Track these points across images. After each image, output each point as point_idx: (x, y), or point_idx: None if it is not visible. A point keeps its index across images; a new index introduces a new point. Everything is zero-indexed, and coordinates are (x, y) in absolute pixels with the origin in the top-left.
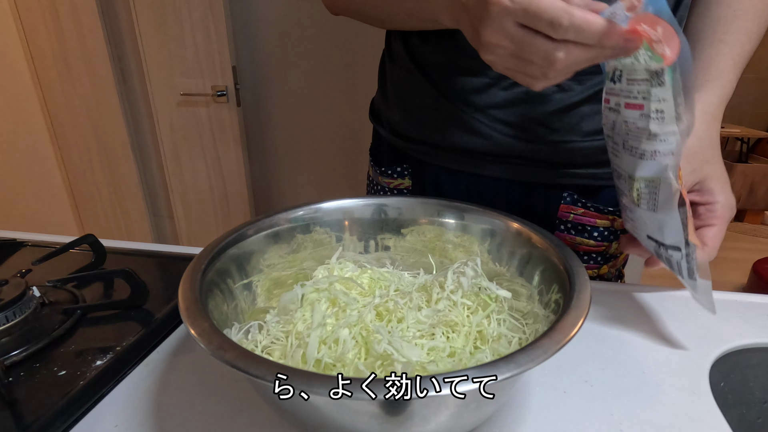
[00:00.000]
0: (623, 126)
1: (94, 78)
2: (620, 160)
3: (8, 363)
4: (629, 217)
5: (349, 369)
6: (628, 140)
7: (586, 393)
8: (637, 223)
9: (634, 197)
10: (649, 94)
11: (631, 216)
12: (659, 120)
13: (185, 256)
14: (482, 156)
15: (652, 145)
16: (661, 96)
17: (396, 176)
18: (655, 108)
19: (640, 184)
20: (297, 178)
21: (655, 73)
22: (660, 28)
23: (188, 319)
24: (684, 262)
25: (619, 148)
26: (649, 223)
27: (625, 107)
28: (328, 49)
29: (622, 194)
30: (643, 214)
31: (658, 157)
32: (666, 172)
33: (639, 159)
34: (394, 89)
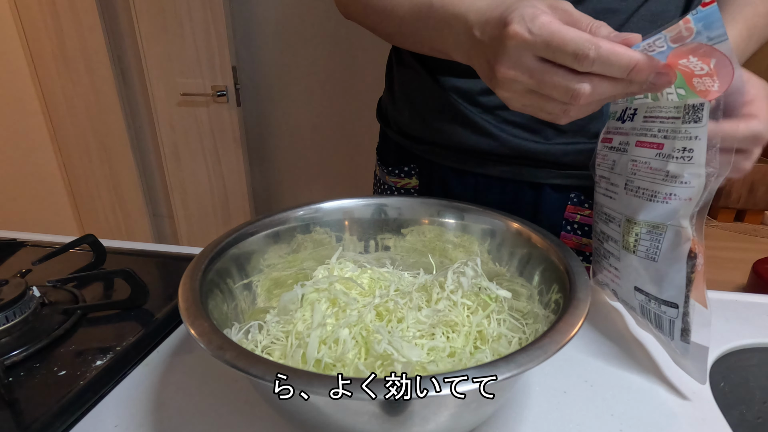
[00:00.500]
0: (628, 165)
1: (94, 78)
2: (615, 203)
3: (8, 363)
4: (610, 265)
5: (349, 369)
6: (634, 180)
7: (586, 393)
8: (622, 272)
9: (628, 243)
10: (677, 132)
11: (615, 264)
12: (684, 160)
13: (185, 256)
14: (490, 156)
15: (668, 187)
16: (693, 134)
17: (403, 176)
18: (681, 147)
19: (641, 229)
20: (297, 178)
21: (692, 107)
22: (714, 60)
23: (188, 319)
24: (679, 322)
25: (618, 189)
26: (642, 274)
27: (636, 145)
28: (328, 49)
29: (606, 240)
30: (636, 262)
31: (673, 201)
32: (678, 218)
33: (647, 201)
34: (401, 89)
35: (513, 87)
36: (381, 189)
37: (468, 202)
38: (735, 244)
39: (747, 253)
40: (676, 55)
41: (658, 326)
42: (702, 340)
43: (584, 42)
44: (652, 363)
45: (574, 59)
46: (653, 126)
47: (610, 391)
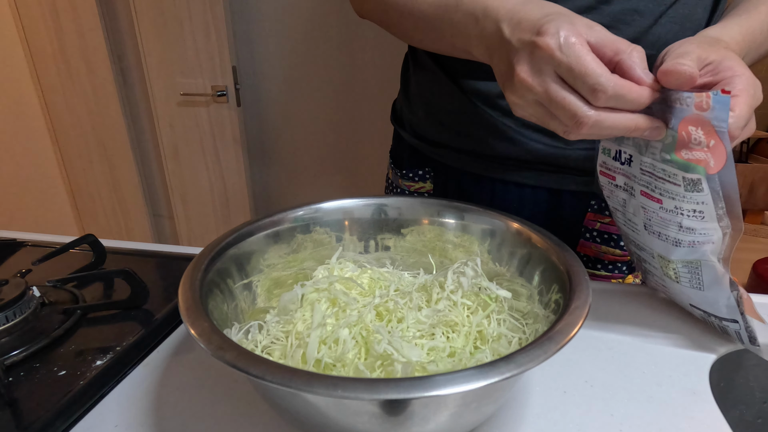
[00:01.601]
0: (641, 210)
1: (94, 78)
2: (640, 237)
3: (8, 363)
4: (658, 282)
5: (349, 369)
6: (653, 225)
7: (586, 393)
8: (672, 291)
9: (669, 275)
10: (676, 194)
11: (663, 284)
12: (697, 219)
13: (185, 256)
14: (508, 161)
15: (688, 236)
16: (699, 200)
17: (417, 179)
18: (691, 209)
19: (677, 266)
20: (297, 178)
21: (692, 181)
22: (713, 142)
23: (188, 319)
24: (744, 332)
25: (639, 228)
26: (693, 297)
27: (641, 194)
28: (329, 49)
29: (645, 261)
30: (685, 290)
31: (697, 246)
32: (707, 256)
33: (673, 246)
34: (417, 92)
35: (525, 95)
36: (394, 192)
37: (468, 202)
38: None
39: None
40: (690, 120)
41: (724, 333)
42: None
43: (604, 78)
44: (652, 363)
45: (591, 92)
46: (650, 180)
47: (610, 391)
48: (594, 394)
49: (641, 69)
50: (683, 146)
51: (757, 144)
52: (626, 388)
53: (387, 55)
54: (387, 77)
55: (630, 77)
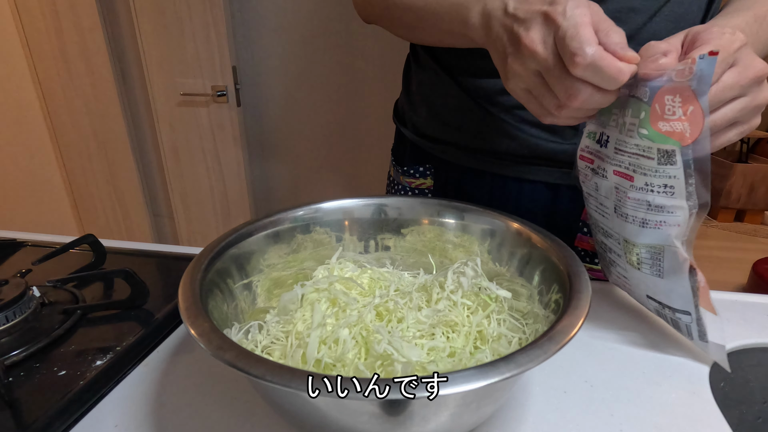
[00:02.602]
0: (613, 191)
1: (94, 78)
2: (609, 222)
3: (8, 363)
4: (619, 273)
5: (349, 369)
6: (622, 207)
7: (586, 393)
8: (632, 282)
9: (632, 261)
10: (649, 169)
11: (624, 274)
12: (666, 195)
13: (185, 256)
14: (508, 157)
15: (656, 215)
16: (671, 173)
17: (418, 176)
18: (662, 183)
19: (640, 250)
20: (297, 177)
21: (666, 153)
22: (692, 108)
23: (188, 319)
24: (694, 325)
25: (609, 211)
26: (651, 286)
27: (613, 174)
28: (329, 48)
29: (609, 251)
30: (644, 277)
31: (664, 227)
32: (672, 240)
33: (639, 227)
34: (419, 90)
35: (529, 63)
36: (395, 189)
37: (468, 202)
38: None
39: (747, 253)
40: (667, 90)
41: (675, 328)
42: (718, 339)
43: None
44: (652, 363)
45: (570, 57)
46: (623, 158)
47: (610, 391)
48: (594, 394)
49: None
50: (658, 118)
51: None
52: (626, 388)
53: (387, 54)
54: (387, 77)
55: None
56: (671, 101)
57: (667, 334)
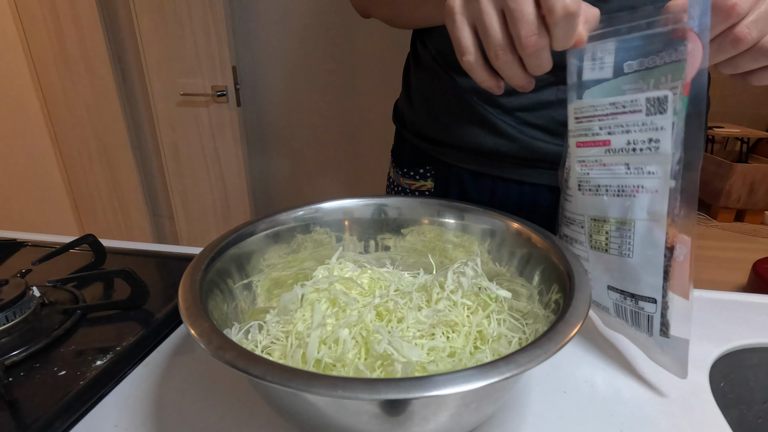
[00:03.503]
0: (576, 167)
1: (94, 78)
2: (573, 204)
3: (8, 363)
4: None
5: (349, 369)
6: (590, 180)
7: (586, 393)
8: (593, 273)
9: (599, 242)
10: (641, 126)
11: (585, 266)
12: (650, 151)
13: (185, 256)
14: (508, 159)
15: (633, 179)
16: (659, 124)
17: (418, 178)
18: (646, 138)
19: (611, 227)
20: (297, 178)
21: (657, 100)
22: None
23: (188, 319)
24: (657, 316)
25: (572, 191)
26: (616, 272)
27: (577, 146)
28: (329, 48)
29: (570, 243)
30: (609, 260)
31: (640, 194)
32: (645, 212)
33: (613, 197)
34: (419, 91)
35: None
36: (395, 191)
37: (468, 202)
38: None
39: (747, 253)
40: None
41: (635, 323)
42: (682, 333)
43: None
44: (652, 363)
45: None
46: (591, 125)
47: (610, 391)
48: (594, 394)
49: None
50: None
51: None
52: (626, 388)
53: (387, 54)
54: (387, 77)
55: None
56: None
57: None
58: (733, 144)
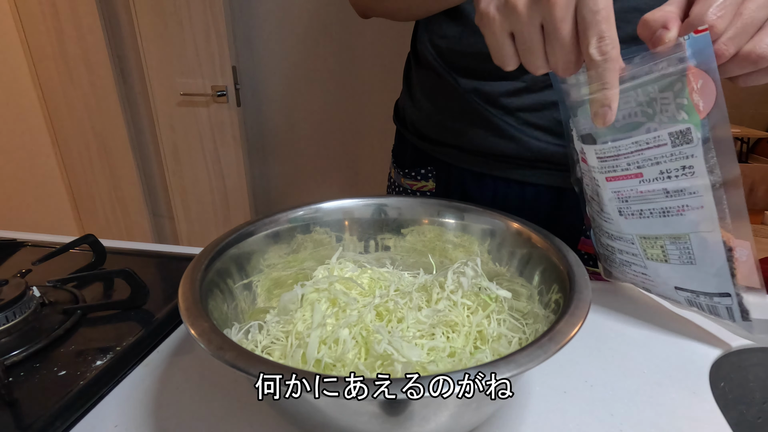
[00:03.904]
0: (611, 196)
1: (94, 78)
2: (614, 225)
3: (8, 363)
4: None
5: (349, 369)
6: (630, 206)
7: (586, 393)
8: (656, 278)
9: (656, 255)
10: (670, 157)
11: (644, 272)
12: (687, 176)
13: (185, 256)
14: (510, 159)
15: (677, 200)
16: (689, 153)
17: (420, 178)
18: (680, 166)
19: (664, 242)
20: (297, 177)
21: (680, 133)
22: (701, 81)
23: (188, 319)
24: (736, 306)
25: (612, 217)
26: (682, 276)
27: (607, 180)
28: (329, 48)
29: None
30: (673, 269)
31: (687, 212)
32: (697, 226)
33: (659, 217)
34: (420, 91)
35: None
36: (396, 191)
37: (468, 202)
38: None
39: None
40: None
41: (713, 314)
42: (763, 314)
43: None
44: (652, 363)
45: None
46: (617, 163)
47: (610, 391)
48: (594, 394)
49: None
50: (692, 90)
51: (757, 144)
52: (626, 388)
53: (387, 54)
54: (387, 77)
55: None
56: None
57: (667, 333)
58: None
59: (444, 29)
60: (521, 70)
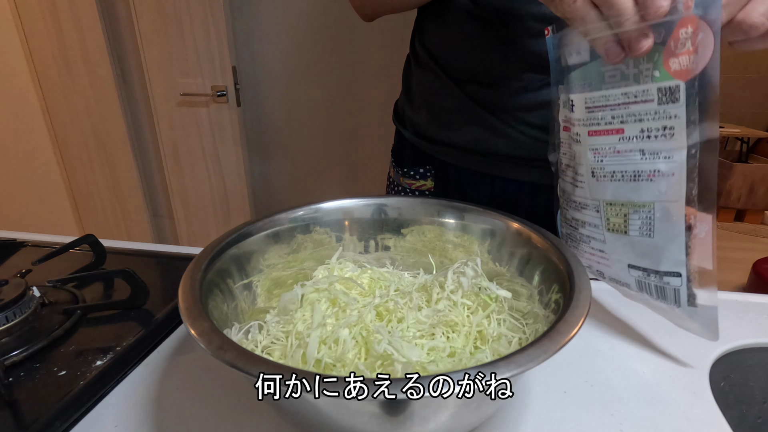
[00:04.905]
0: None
1: (94, 78)
2: (585, 191)
3: (8, 363)
4: (594, 249)
5: (349, 369)
6: (604, 167)
7: (586, 393)
8: (609, 254)
9: (617, 224)
10: (654, 115)
11: (601, 247)
12: (665, 138)
13: (185, 256)
14: (508, 159)
15: (650, 163)
16: (672, 113)
17: (419, 177)
18: (660, 126)
19: (628, 210)
20: (297, 178)
21: (669, 90)
22: (701, 35)
23: (188, 319)
24: (684, 288)
25: (585, 178)
26: (637, 250)
27: (589, 135)
28: (329, 48)
29: (582, 225)
30: (628, 241)
31: (657, 178)
32: (662, 195)
33: (629, 182)
34: (419, 91)
35: None
36: (395, 191)
37: (468, 202)
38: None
39: (747, 253)
40: (680, 23)
41: (660, 297)
42: (710, 301)
43: None
44: (653, 363)
45: None
46: (604, 114)
47: (610, 391)
48: (594, 394)
49: None
50: (670, 55)
51: (757, 144)
52: (626, 388)
53: (387, 54)
54: (387, 77)
55: None
56: (684, 33)
57: (667, 333)
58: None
59: (438, 33)
60: (520, 70)
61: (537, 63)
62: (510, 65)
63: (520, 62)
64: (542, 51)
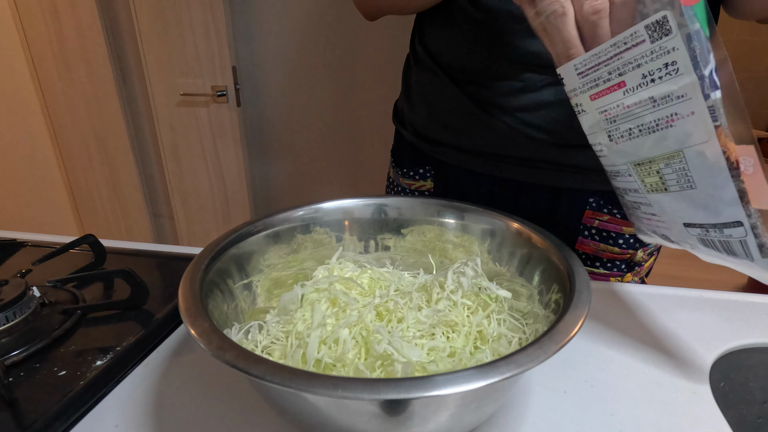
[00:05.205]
0: (598, 119)
1: (94, 78)
2: (609, 158)
3: (8, 363)
4: (647, 214)
5: (349, 369)
6: (619, 126)
7: (586, 393)
8: (664, 215)
9: (654, 185)
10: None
11: (652, 211)
12: (671, 75)
13: (185, 256)
14: (508, 159)
15: (665, 109)
16: (669, 46)
17: (418, 178)
18: (661, 64)
19: (660, 165)
20: (297, 178)
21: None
22: None
23: (188, 319)
24: (751, 238)
25: (604, 145)
26: (687, 208)
27: (591, 99)
28: (329, 48)
29: (626, 193)
30: (675, 199)
31: (678, 122)
32: (690, 138)
33: (650, 134)
34: (418, 92)
35: None
36: (395, 191)
37: (468, 202)
38: None
39: None
40: None
41: (729, 252)
42: None
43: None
44: (652, 363)
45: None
46: (598, 74)
47: (610, 391)
48: (594, 394)
49: None
50: None
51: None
52: (626, 388)
53: (387, 55)
54: (387, 77)
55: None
56: None
57: (667, 333)
58: None
59: (437, 34)
60: (520, 70)
61: (537, 63)
62: (510, 66)
63: (520, 62)
64: (542, 51)
